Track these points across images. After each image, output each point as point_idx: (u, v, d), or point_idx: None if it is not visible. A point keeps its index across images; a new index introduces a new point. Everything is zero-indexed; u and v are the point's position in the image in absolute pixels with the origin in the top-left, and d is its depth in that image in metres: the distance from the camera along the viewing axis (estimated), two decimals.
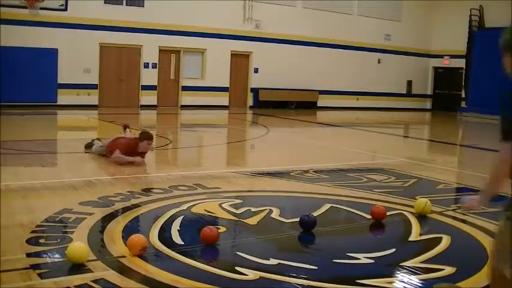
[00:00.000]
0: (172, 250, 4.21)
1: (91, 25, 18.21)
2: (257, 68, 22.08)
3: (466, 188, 7.51)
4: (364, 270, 4.00)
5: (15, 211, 5.18)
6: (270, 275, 3.79)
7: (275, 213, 5.44)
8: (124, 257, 3.99)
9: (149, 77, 19.94)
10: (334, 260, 4.21)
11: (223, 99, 21.47)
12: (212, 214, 5.36)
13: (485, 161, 10.65)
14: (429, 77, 27.23)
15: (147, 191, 6.20)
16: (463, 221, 5.50)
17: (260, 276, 3.76)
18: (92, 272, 3.68)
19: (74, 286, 3.45)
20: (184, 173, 7.62)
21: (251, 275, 3.78)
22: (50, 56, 17.69)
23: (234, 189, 6.60)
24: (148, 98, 19.93)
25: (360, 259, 4.21)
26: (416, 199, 5.98)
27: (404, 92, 26.40)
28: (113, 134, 9.62)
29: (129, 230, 4.61)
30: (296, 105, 22.71)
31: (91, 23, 18.21)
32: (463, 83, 24.83)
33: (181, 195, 6.06)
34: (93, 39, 18.40)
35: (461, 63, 24.72)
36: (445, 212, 5.82)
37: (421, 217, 5.52)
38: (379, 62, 25.23)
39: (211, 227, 4.55)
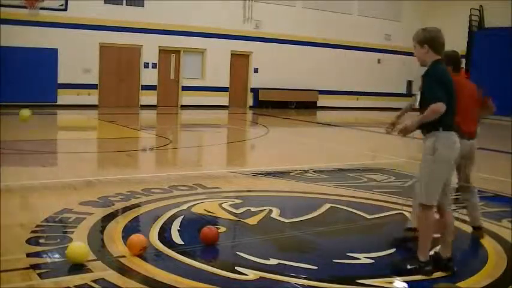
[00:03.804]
0: (172, 250, 4.21)
1: (91, 25, 18.19)
2: (257, 68, 22.07)
3: None
4: (364, 270, 4.00)
5: (15, 211, 5.18)
6: (270, 275, 3.80)
7: (275, 213, 5.44)
8: (124, 257, 4.00)
9: (149, 77, 19.93)
10: (334, 260, 4.21)
11: (223, 99, 21.46)
12: (212, 214, 5.36)
13: (485, 161, 10.65)
14: None
15: (147, 191, 6.20)
16: (463, 221, 5.50)
17: (260, 276, 3.77)
18: (92, 272, 3.69)
19: (74, 286, 3.45)
20: (184, 173, 7.62)
21: (251, 275, 3.79)
22: (50, 56, 17.68)
23: (234, 189, 6.60)
24: (148, 98, 19.92)
25: (360, 259, 4.21)
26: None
27: (404, 92, 26.38)
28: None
29: (129, 230, 4.61)
30: (296, 105, 22.70)
31: (91, 23, 18.20)
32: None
33: (181, 195, 6.06)
34: (93, 39, 18.39)
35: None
36: None
37: None
38: (379, 62, 25.22)
39: (211, 227, 4.56)
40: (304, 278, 3.76)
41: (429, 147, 3.88)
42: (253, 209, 5.52)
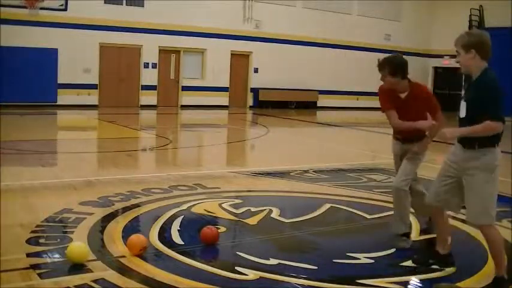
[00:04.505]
0: (172, 250, 4.21)
1: (91, 25, 18.20)
2: (257, 68, 22.07)
3: None
4: (364, 270, 4.00)
5: (15, 211, 5.18)
6: (270, 275, 3.80)
7: (275, 213, 5.44)
8: (124, 257, 3.99)
9: (149, 77, 19.94)
10: (334, 260, 4.21)
11: (223, 99, 21.46)
12: (212, 214, 5.36)
13: None
14: (429, 77, 27.23)
15: (147, 191, 6.20)
16: (463, 221, 5.49)
17: (260, 276, 3.77)
18: (92, 272, 3.69)
19: (74, 286, 3.45)
20: (184, 173, 7.62)
21: (251, 275, 3.79)
22: (50, 56, 17.68)
23: (234, 189, 6.60)
24: (148, 98, 19.92)
25: (360, 259, 4.21)
26: None
27: None
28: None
29: (129, 230, 4.61)
30: (296, 105, 22.70)
31: (91, 23, 18.21)
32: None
33: (181, 195, 6.06)
34: (93, 39, 18.39)
35: None
36: None
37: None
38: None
39: (211, 227, 4.55)
40: (304, 278, 3.76)
41: (490, 164, 3.64)
42: (253, 209, 5.52)
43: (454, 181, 3.79)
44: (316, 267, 4.00)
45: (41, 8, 17.19)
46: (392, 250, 4.47)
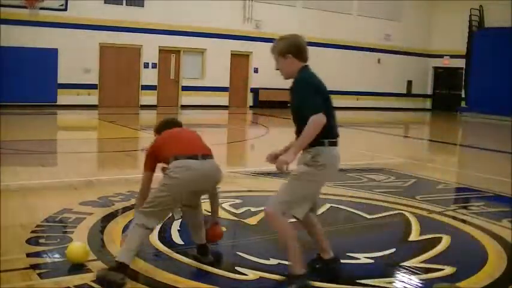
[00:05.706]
0: (172, 250, 4.22)
1: (91, 25, 18.20)
2: (257, 68, 22.06)
3: (466, 188, 7.51)
4: (364, 270, 4.00)
5: (15, 211, 5.18)
6: (270, 275, 3.80)
7: None
8: None
9: (149, 77, 19.94)
10: None
11: (223, 99, 21.45)
12: None
13: (485, 161, 10.66)
14: (429, 77, 27.24)
15: None
16: (463, 221, 5.50)
17: (260, 276, 3.77)
18: (92, 272, 3.68)
19: (74, 286, 3.45)
20: None
21: (251, 275, 3.79)
22: (50, 56, 17.67)
23: (234, 189, 6.59)
24: (148, 98, 19.92)
25: (359, 259, 4.21)
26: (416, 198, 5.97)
27: (404, 92, 26.39)
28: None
29: None
30: None
31: (91, 23, 18.20)
32: (463, 83, 24.84)
33: None
34: (93, 39, 18.39)
35: (461, 63, 24.72)
36: (445, 212, 5.82)
37: (421, 217, 5.52)
38: (379, 62, 25.22)
39: (216, 226, 4.53)
40: None
41: (307, 161, 3.59)
42: (253, 209, 5.52)
43: None
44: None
45: (41, 8, 17.19)
46: (393, 250, 4.47)
